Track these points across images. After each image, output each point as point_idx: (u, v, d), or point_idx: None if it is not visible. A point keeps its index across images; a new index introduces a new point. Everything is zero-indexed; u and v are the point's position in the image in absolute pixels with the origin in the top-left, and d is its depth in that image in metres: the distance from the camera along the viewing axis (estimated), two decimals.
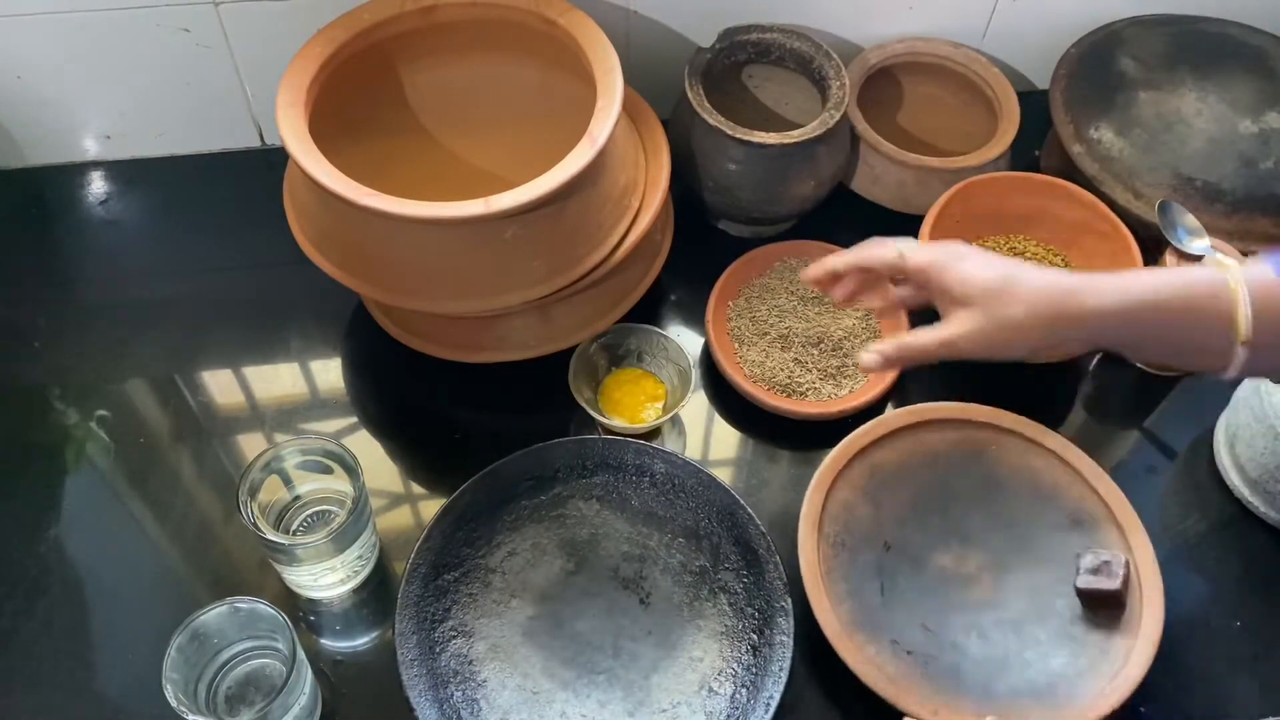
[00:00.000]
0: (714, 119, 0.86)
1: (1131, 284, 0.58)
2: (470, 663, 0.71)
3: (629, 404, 0.83)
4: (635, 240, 0.79)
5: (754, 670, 0.70)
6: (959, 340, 0.61)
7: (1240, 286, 0.56)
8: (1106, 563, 0.73)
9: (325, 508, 0.76)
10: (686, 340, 0.88)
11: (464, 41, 0.85)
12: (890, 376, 0.84)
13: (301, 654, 0.65)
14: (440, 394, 0.86)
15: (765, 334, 0.87)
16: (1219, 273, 0.57)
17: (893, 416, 0.81)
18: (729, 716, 0.69)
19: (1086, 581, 0.73)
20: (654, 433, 0.82)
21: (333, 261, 0.78)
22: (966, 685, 0.71)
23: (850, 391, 0.85)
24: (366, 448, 0.82)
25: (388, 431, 0.84)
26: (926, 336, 0.62)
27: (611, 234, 0.79)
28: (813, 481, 0.77)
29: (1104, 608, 0.73)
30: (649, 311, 0.88)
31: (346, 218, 0.74)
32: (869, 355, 0.64)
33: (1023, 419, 0.80)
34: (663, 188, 0.82)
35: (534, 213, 0.72)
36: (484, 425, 0.85)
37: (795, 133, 0.87)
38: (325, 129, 0.75)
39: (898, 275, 0.66)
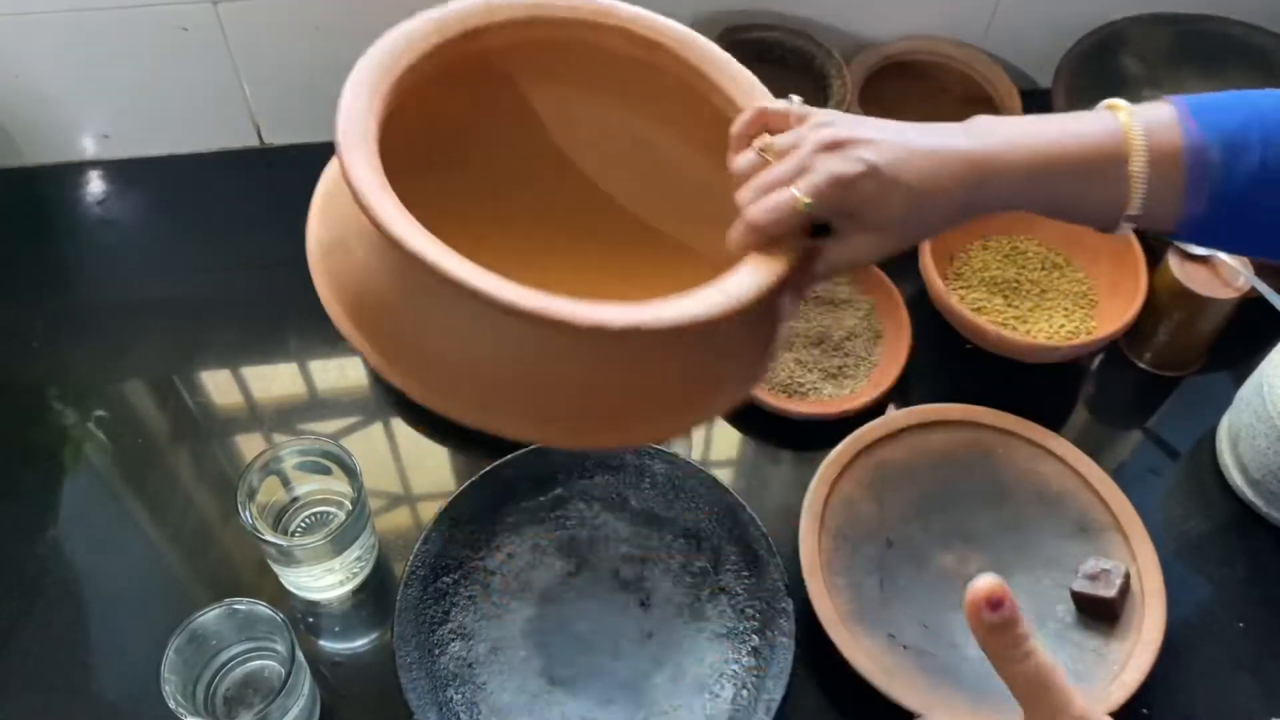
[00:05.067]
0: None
1: (1037, 152, 0.55)
2: (470, 665, 0.71)
3: None
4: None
5: (755, 672, 0.70)
6: (867, 261, 0.58)
7: (1140, 157, 0.54)
8: (1106, 571, 0.72)
9: (324, 509, 0.76)
10: None
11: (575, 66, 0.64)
12: (892, 377, 0.84)
13: (300, 656, 0.64)
14: None
15: None
16: (1113, 138, 0.54)
17: (899, 416, 0.81)
18: (730, 718, 0.69)
19: (1082, 586, 0.73)
20: None
21: (376, 347, 0.57)
22: (963, 683, 0.70)
23: (851, 392, 0.84)
24: (365, 448, 0.82)
25: (387, 432, 0.84)
26: (831, 266, 0.58)
27: None
28: (817, 474, 0.77)
29: (1098, 615, 0.73)
30: None
31: (427, 299, 0.53)
32: (785, 310, 0.59)
33: (1030, 423, 0.80)
34: None
35: (747, 316, 0.53)
36: None
37: None
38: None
39: (791, 123, 0.59)
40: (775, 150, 0.58)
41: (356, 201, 0.49)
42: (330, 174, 0.59)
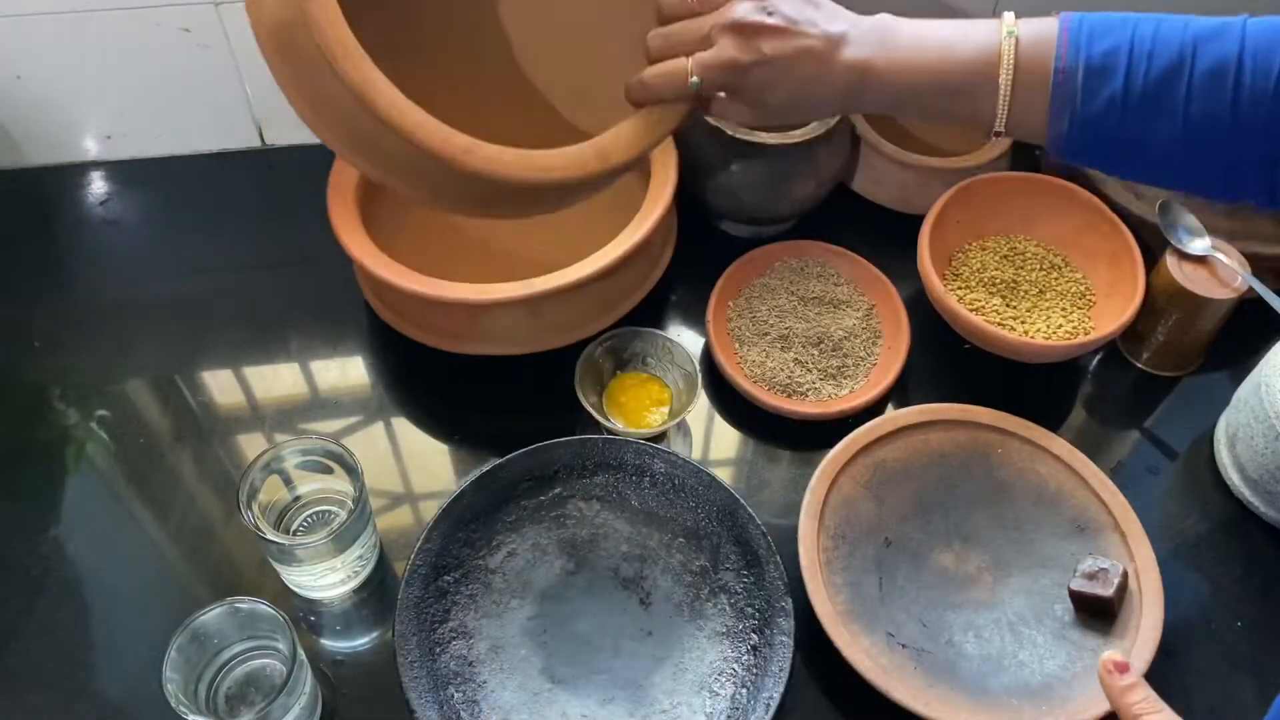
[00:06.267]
0: (715, 119, 0.86)
1: (916, 67, 0.60)
2: (470, 664, 0.71)
3: (634, 408, 0.83)
4: (629, 251, 0.80)
5: (754, 670, 0.70)
6: (743, 124, 0.67)
7: (1006, 80, 0.58)
8: (1104, 570, 0.73)
9: (325, 508, 0.76)
10: (687, 340, 0.88)
11: None
12: (891, 376, 0.84)
13: (302, 654, 0.65)
14: (440, 394, 0.86)
15: (765, 334, 0.87)
16: (991, 55, 0.58)
17: (899, 415, 0.81)
18: (729, 717, 0.69)
19: (1079, 585, 0.73)
20: (659, 436, 0.82)
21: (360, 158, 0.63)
22: (960, 681, 0.71)
23: (850, 392, 0.85)
24: (367, 448, 0.82)
25: (388, 431, 0.84)
26: (715, 110, 0.65)
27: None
28: (816, 473, 0.77)
29: (1095, 614, 0.73)
30: (649, 312, 0.88)
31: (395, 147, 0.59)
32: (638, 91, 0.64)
33: (1029, 423, 0.80)
34: (665, 201, 0.82)
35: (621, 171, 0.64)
36: (484, 425, 0.85)
37: (796, 133, 0.87)
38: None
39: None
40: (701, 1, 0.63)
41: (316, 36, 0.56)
42: None
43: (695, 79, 0.62)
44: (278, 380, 0.86)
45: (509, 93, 0.81)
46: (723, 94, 0.64)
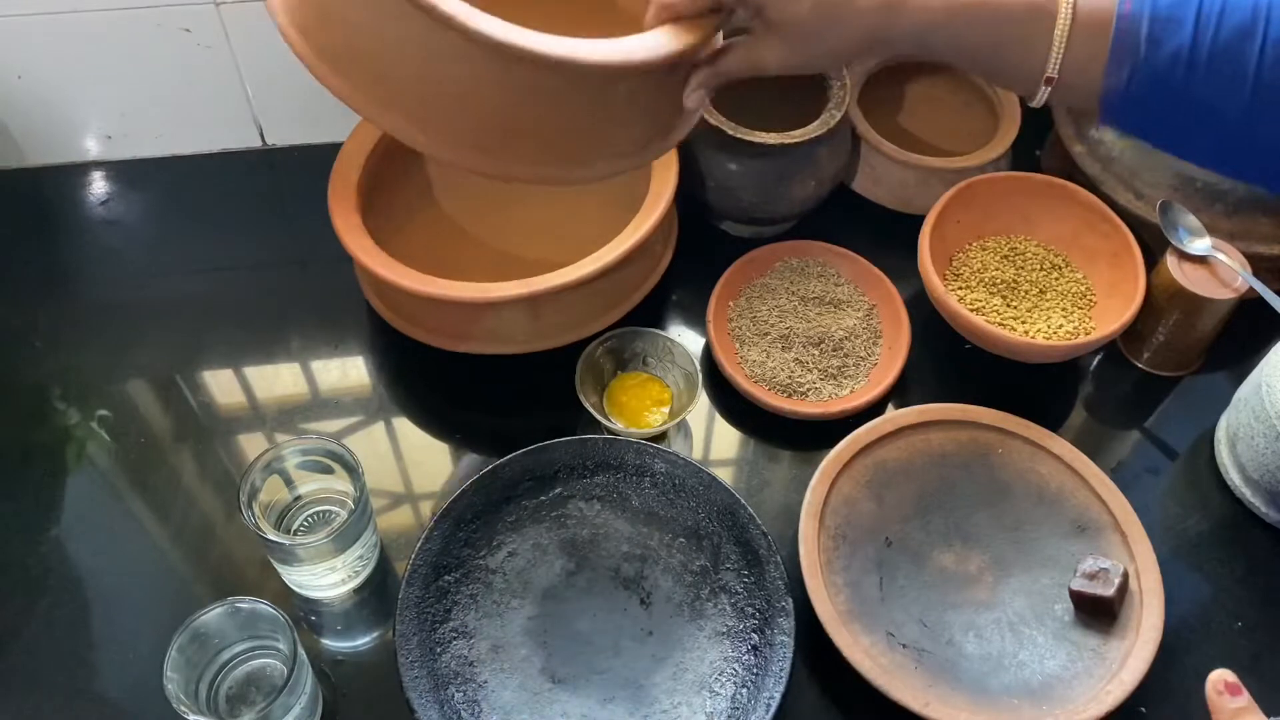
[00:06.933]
0: (715, 119, 0.86)
1: (952, 3, 0.55)
2: (471, 663, 0.71)
3: (634, 408, 0.83)
4: (629, 250, 0.80)
5: (755, 670, 0.70)
6: (772, 67, 0.60)
7: (1066, 11, 0.53)
8: (1105, 570, 0.73)
9: (326, 508, 0.76)
10: (687, 340, 0.88)
11: None
12: (891, 376, 0.84)
13: (302, 654, 0.65)
14: (441, 394, 0.86)
15: (766, 334, 0.87)
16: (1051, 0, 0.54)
17: (899, 415, 0.81)
18: (729, 716, 0.69)
19: (1080, 585, 0.73)
20: (659, 436, 0.82)
21: (355, 83, 0.60)
22: (961, 681, 0.71)
23: (851, 391, 0.85)
24: (367, 447, 0.82)
25: (389, 431, 0.84)
26: (737, 63, 0.61)
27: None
28: (816, 473, 0.77)
29: (1095, 613, 0.73)
30: (649, 312, 0.88)
31: (420, 39, 0.57)
32: (694, 98, 0.63)
33: (1029, 423, 0.80)
34: (665, 201, 0.82)
35: (654, 72, 0.61)
36: (484, 425, 0.85)
37: (796, 133, 0.87)
38: None
39: None
40: None
41: None
42: None
43: None
44: (278, 380, 0.86)
45: None
46: (748, 36, 0.59)
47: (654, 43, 0.58)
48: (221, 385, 0.86)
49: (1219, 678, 0.50)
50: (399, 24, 0.56)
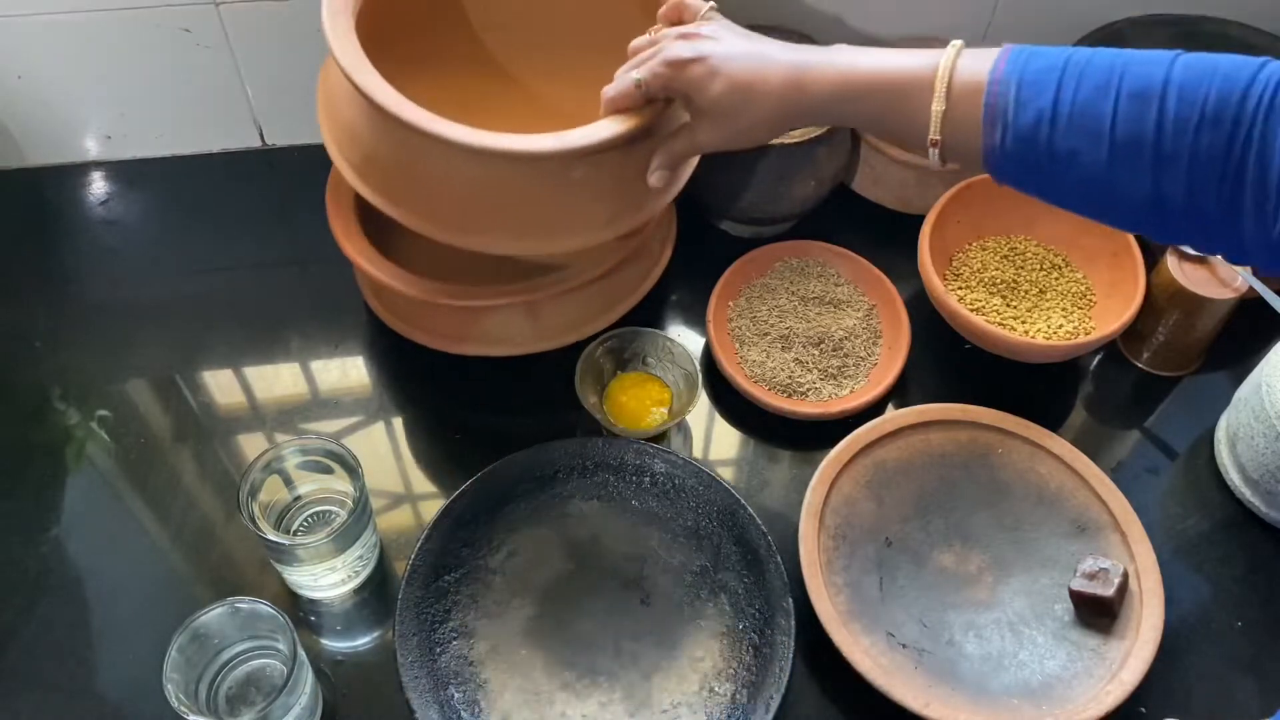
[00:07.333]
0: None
1: (854, 69, 0.62)
2: (471, 664, 0.71)
3: (634, 408, 0.83)
4: (626, 251, 0.80)
5: (755, 670, 0.70)
6: (707, 146, 0.68)
7: (942, 85, 0.59)
8: (1104, 570, 0.73)
9: (326, 508, 0.76)
10: (687, 340, 0.88)
11: None
12: (891, 376, 0.84)
13: (302, 654, 0.65)
14: (440, 394, 0.86)
15: (766, 334, 0.87)
16: (930, 68, 0.59)
17: (899, 415, 0.81)
18: (729, 716, 0.69)
19: (1080, 585, 0.73)
20: (659, 436, 0.82)
21: (374, 188, 0.73)
22: (961, 681, 0.71)
23: (851, 392, 0.85)
24: (367, 447, 0.82)
25: (388, 431, 0.84)
26: (681, 145, 0.69)
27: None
28: (816, 473, 0.77)
29: (1095, 613, 0.73)
30: (649, 312, 0.88)
31: (402, 144, 0.70)
32: (655, 177, 0.71)
33: (1029, 423, 0.80)
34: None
35: (603, 155, 0.69)
36: (484, 425, 0.85)
37: (796, 133, 0.87)
38: (372, 52, 0.70)
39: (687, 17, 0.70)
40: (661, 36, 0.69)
41: (339, 66, 0.68)
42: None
43: (639, 77, 0.66)
44: (278, 380, 0.86)
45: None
46: (689, 122, 0.68)
47: (595, 131, 0.68)
48: (221, 385, 0.86)
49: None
50: (389, 135, 0.70)
